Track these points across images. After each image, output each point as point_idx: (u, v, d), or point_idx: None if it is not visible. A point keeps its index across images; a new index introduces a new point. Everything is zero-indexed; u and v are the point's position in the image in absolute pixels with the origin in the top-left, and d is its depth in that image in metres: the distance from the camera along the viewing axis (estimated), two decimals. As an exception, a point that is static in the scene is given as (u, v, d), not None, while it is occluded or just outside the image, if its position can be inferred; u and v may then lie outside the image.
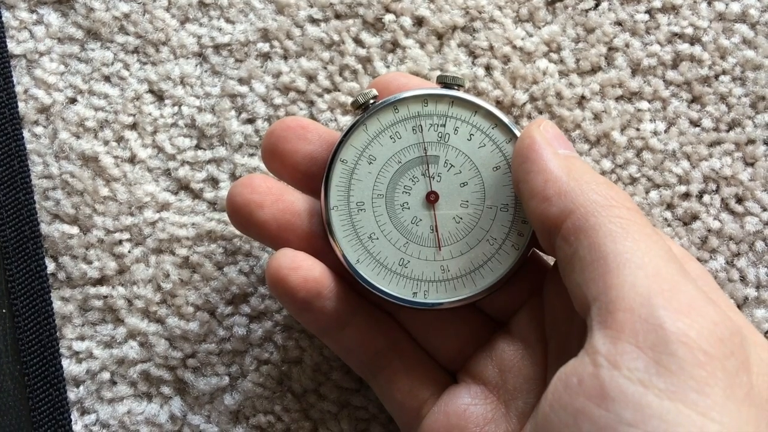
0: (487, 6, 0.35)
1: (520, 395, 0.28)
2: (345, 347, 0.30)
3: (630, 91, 0.35)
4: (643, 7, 0.35)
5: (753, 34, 0.34)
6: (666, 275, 0.22)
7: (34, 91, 0.35)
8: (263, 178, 0.30)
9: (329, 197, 0.29)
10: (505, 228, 0.29)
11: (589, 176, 0.25)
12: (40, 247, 0.34)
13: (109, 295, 0.34)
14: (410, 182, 0.29)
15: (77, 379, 0.34)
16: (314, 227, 0.30)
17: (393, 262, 0.29)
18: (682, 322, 0.21)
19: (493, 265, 0.29)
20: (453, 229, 0.29)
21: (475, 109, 0.29)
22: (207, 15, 0.36)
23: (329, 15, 0.35)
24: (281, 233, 0.29)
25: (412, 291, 0.29)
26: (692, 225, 0.34)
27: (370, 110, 0.29)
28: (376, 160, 0.29)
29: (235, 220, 0.30)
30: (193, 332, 0.34)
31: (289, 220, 0.29)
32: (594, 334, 0.22)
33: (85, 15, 0.36)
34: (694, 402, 0.19)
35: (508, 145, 0.29)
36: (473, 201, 0.29)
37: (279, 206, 0.29)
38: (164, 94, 0.35)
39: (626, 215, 0.24)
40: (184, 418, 0.34)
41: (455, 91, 0.29)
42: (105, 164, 0.35)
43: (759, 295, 0.33)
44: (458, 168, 0.29)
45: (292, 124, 0.30)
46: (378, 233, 0.29)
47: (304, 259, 0.28)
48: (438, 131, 0.29)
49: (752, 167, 0.34)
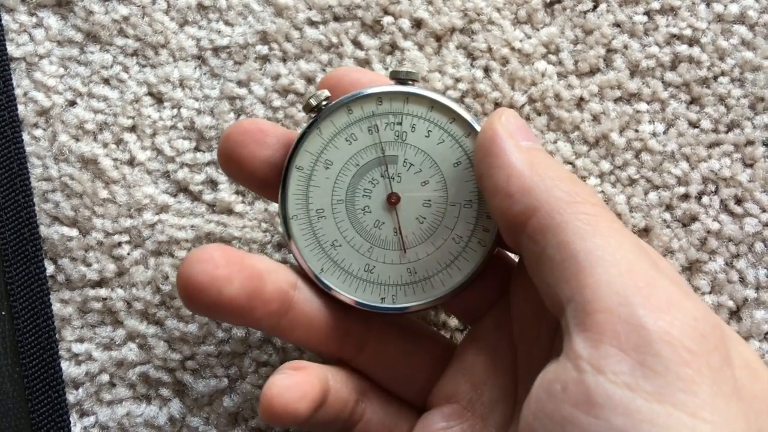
0: (485, 8, 0.35)
1: (497, 406, 0.27)
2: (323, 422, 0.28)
3: (629, 92, 0.34)
4: (642, 9, 0.35)
5: (752, 36, 0.34)
6: (640, 271, 0.21)
7: (33, 94, 0.35)
8: (220, 248, 0.26)
9: (287, 206, 0.28)
10: (470, 225, 0.28)
11: (552, 171, 0.24)
12: (40, 249, 0.34)
13: (108, 297, 0.34)
14: (370, 185, 0.28)
15: (76, 381, 0.34)
16: (276, 286, 0.27)
17: (358, 269, 0.28)
18: (663, 320, 0.20)
19: (461, 264, 0.28)
20: (417, 230, 0.28)
21: (432, 105, 0.28)
22: (206, 18, 0.36)
23: (328, 17, 0.35)
24: (248, 302, 0.26)
25: (380, 296, 0.28)
26: (691, 226, 0.34)
27: (323, 112, 0.28)
28: (333, 164, 0.28)
29: (198, 300, 0.26)
30: (192, 334, 0.34)
31: (255, 287, 0.26)
32: (573, 338, 0.21)
33: (84, 18, 0.36)
34: (684, 403, 0.19)
35: (467, 140, 0.28)
36: (435, 199, 0.28)
37: (245, 274, 0.26)
38: (163, 97, 0.35)
39: (592, 211, 0.23)
40: (183, 420, 0.34)
41: (410, 86, 0.28)
42: (104, 166, 0.35)
43: (758, 297, 0.33)
44: (418, 166, 0.28)
45: (249, 127, 0.28)
46: (341, 240, 0.28)
47: (304, 381, 0.26)
48: (395, 130, 0.28)
49: (751, 168, 0.34)
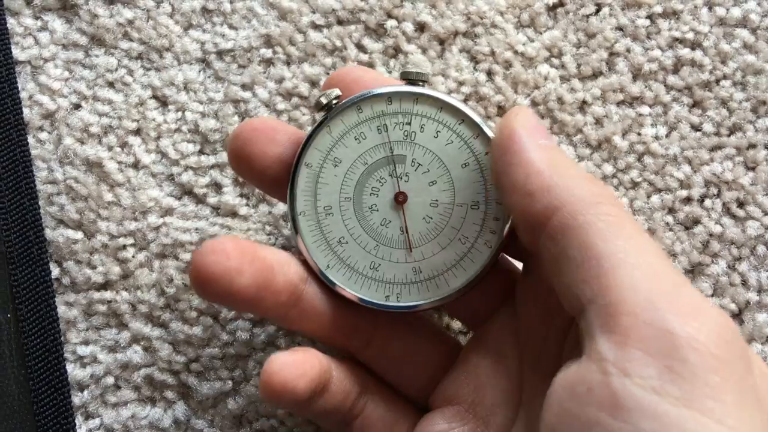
0: (488, 12, 0.35)
1: (499, 410, 0.27)
2: (324, 412, 0.28)
3: (631, 95, 0.35)
4: (644, 13, 0.35)
5: (754, 39, 0.35)
6: (664, 276, 0.21)
7: (38, 97, 0.35)
8: (233, 240, 0.27)
9: (296, 202, 0.28)
10: (477, 226, 0.28)
11: (572, 170, 0.24)
12: (45, 252, 0.34)
13: (113, 300, 0.34)
14: (378, 183, 0.29)
15: (81, 383, 0.34)
16: (286, 278, 0.28)
17: (364, 266, 0.29)
18: (690, 326, 0.20)
19: (466, 265, 0.28)
20: (423, 230, 0.28)
21: (441, 106, 0.28)
22: (210, 21, 0.36)
23: (332, 21, 0.36)
24: (258, 293, 0.27)
25: (384, 294, 0.29)
26: (694, 229, 0.34)
27: (333, 111, 0.28)
28: (341, 162, 0.28)
29: (210, 290, 0.26)
30: (196, 337, 0.34)
31: (266, 278, 0.27)
32: (597, 339, 0.21)
33: (89, 21, 0.36)
34: (711, 409, 0.19)
35: (475, 141, 0.28)
36: (443, 200, 0.28)
37: (256, 266, 0.27)
38: (168, 100, 0.35)
39: (614, 212, 0.23)
40: (187, 422, 0.34)
41: (420, 87, 0.28)
42: (109, 169, 0.35)
43: (761, 299, 0.33)
44: (426, 167, 0.28)
45: (259, 125, 0.28)
46: (347, 237, 0.29)
47: (303, 359, 0.27)
48: (404, 130, 0.28)
49: (753, 171, 0.34)
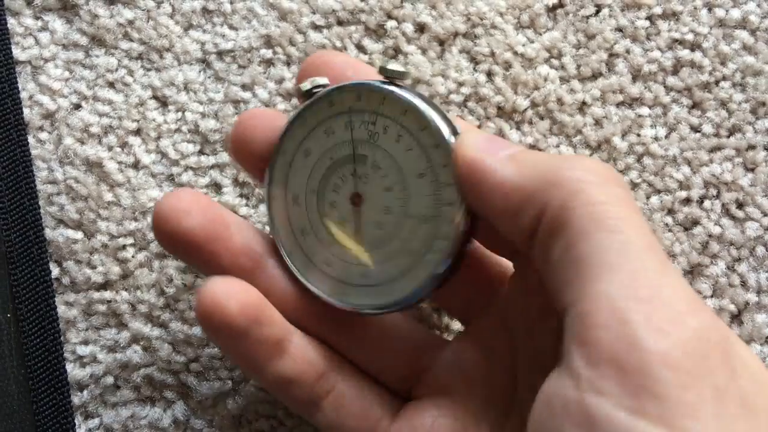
0: (488, 13, 0.35)
1: (491, 407, 0.27)
2: (285, 378, 0.27)
3: (631, 96, 0.35)
4: (644, 14, 0.35)
5: (753, 40, 0.35)
6: (643, 280, 0.20)
7: (38, 97, 0.35)
8: (192, 192, 0.28)
9: (272, 186, 0.28)
10: (427, 239, 0.26)
11: (544, 164, 0.23)
12: (45, 251, 0.34)
13: (113, 300, 0.34)
14: (339, 181, 0.28)
15: (81, 383, 0.34)
16: (245, 241, 0.28)
17: (319, 260, 0.28)
18: (662, 342, 0.19)
19: (416, 274, 0.27)
20: (376, 235, 0.27)
21: (405, 109, 0.26)
22: (210, 22, 0.36)
23: (332, 21, 0.36)
24: (209, 244, 0.27)
25: (335, 291, 0.28)
26: (693, 230, 0.34)
27: (311, 100, 0.28)
28: (311, 154, 0.28)
29: (160, 230, 0.27)
30: (196, 337, 0.34)
31: (217, 230, 0.27)
32: (572, 352, 0.20)
33: (89, 22, 0.36)
34: (687, 428, 0.19)
35: (435, 151, 0.26)
36: (395, 209, 0.27)
37: (207, 215, 0.27)
38: (168, 100, 0.35)
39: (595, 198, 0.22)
40: (187, 422, 0.34)
41: (390, 86, 0.27)
42: (109, 170, 0.35)
43: (760, 300, 0.33)
44: (384, 171, 0.27)
45: (259, 114, 0.29)
46: (308, 229, 0.28)
47: (238, 284, 0.27)
48: (368, 129, 0.27)
49: (753, 173, 0.34)
